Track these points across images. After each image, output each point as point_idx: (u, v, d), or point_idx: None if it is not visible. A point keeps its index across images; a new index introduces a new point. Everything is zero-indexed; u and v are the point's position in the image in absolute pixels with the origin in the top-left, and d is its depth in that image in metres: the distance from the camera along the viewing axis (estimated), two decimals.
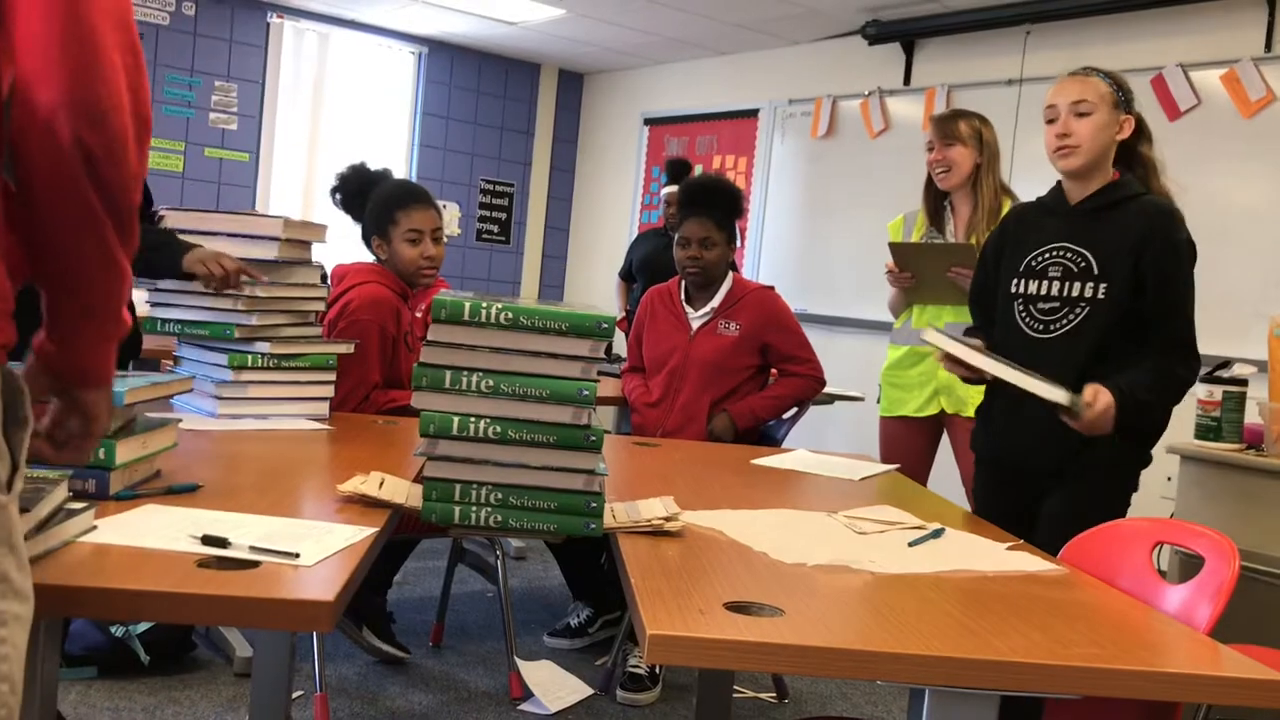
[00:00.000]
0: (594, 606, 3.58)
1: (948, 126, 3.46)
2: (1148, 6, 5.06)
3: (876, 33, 6.15)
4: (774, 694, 3.31)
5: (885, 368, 3.64)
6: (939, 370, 3.46)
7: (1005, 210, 3.46)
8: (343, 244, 3.47)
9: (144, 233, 1.14)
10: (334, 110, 7.53)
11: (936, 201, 3.55)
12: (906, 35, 6.12)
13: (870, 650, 1.20)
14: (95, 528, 1.34)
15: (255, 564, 1.26)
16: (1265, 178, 4.66)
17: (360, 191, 3.13)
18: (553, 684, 3.15)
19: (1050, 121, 2.51)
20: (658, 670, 3.22)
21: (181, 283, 2.45)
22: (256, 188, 7.32)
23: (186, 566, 1.24)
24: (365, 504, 1.62)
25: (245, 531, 1.38)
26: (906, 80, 6.24)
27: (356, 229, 3.16)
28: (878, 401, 3.70)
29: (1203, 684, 1.24)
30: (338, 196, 3.18)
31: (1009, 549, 1.80)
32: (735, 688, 3.24)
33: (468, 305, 1.52)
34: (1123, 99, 2.51)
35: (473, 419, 1.55)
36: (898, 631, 1.27)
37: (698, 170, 7.13)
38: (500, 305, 1.52)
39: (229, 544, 1.31)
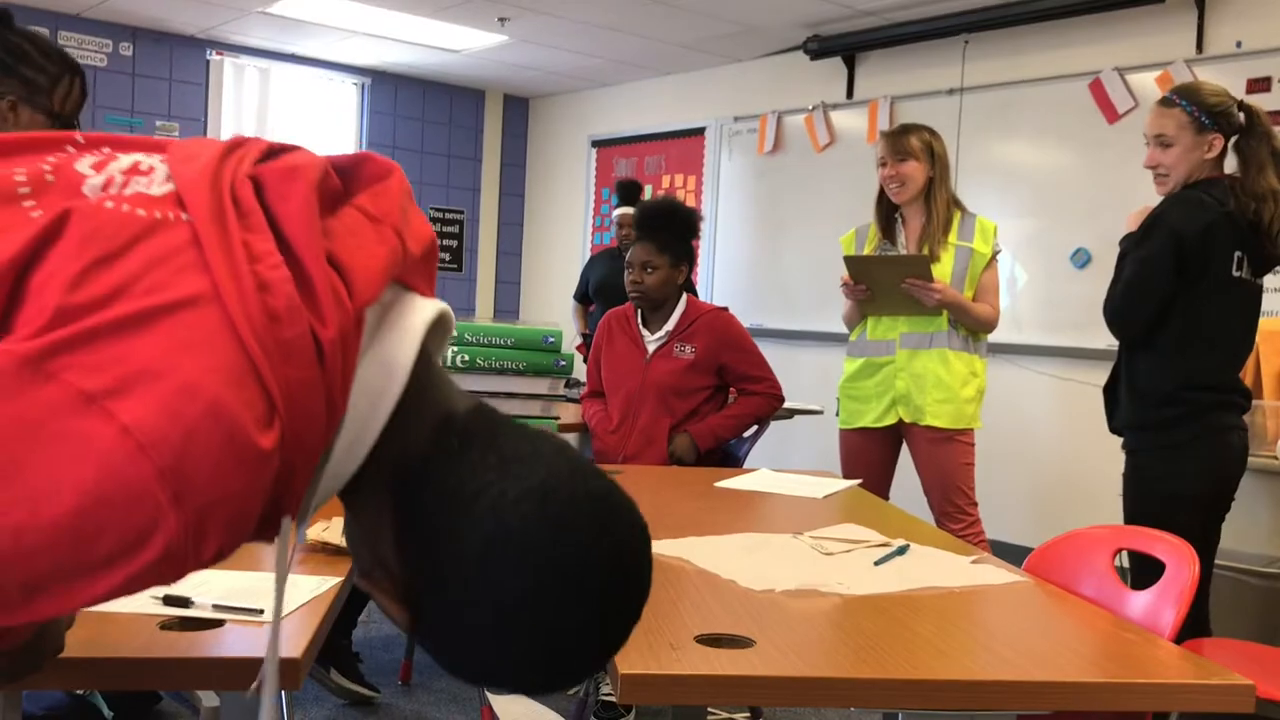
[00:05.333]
0: None
1: (899, 142, 3.50)
2: (1082, 13, 5.15)
3: (818, 48, 6.21)
4: (748, 715, 3.31)
5: (842, 380, 3.67)
6: (896, 380, 3.50)
7: (957, 220, 3.51)
8: None
9: None
10: None
11: (888, 214, 3.59)
12: (847, 49, 6.18)
13: (842, 678, 1.20)
14: None
15: (219, 623, 1.25)
16: None
17: None
18: (526, 717, 3.13)
19: None
20: None
21: None
22: None
23: (149, 630, 1.22)
24: (328, 552, 1.60)
25: (207, 589, 1.36)
26: (849, 93, 6.30)
27: None
28: (837, 414, 3.72)
29: (1172, 692, 1.26)
30: None
31: (973, 562, 1.81)
32: (709, 709, 3.23)
33: None
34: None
35: None
36: (869, 656, 1.27)
37: (648, 190, 7.16)
38: (456, 348, 1.51)
39: (191, 603, 1.30)
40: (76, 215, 0.78)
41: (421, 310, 0.89)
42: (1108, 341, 2.93)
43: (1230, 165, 2.79)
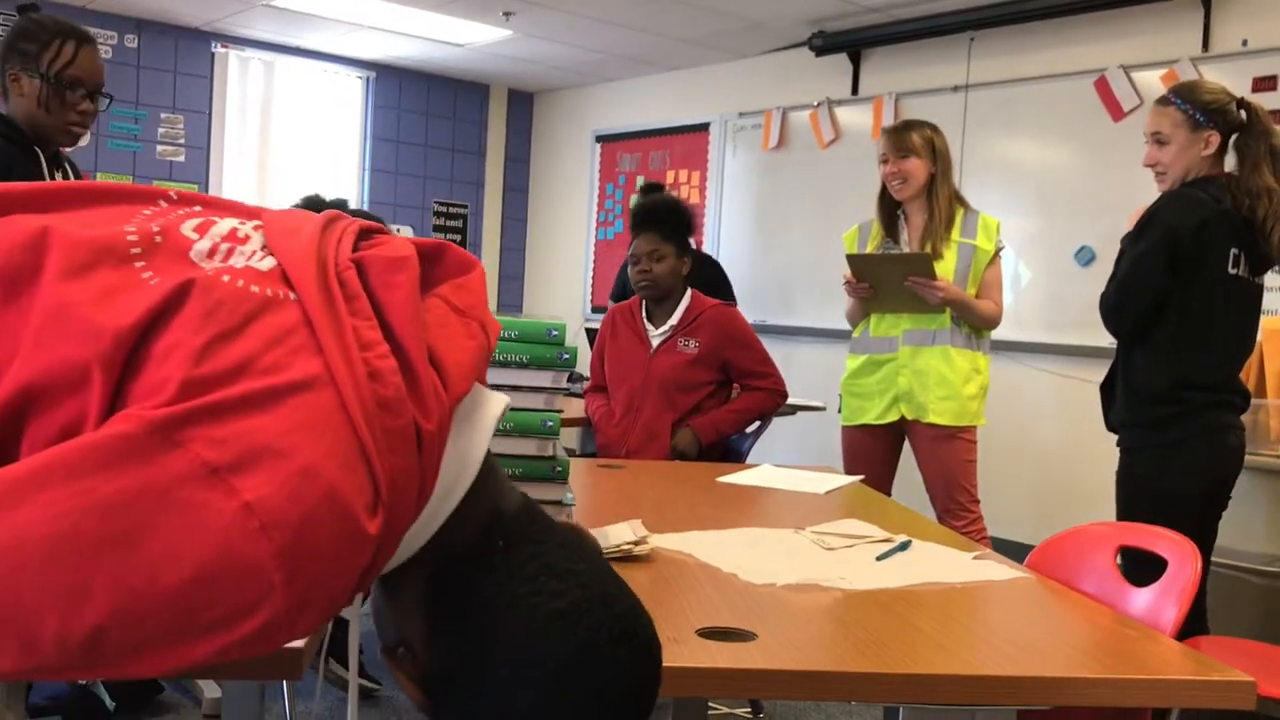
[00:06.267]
0: None
1: (901, 139, 3.49)
2: (1088, 10, 5.15)
3: (823, 44, 6.21)
4: (749, 710, 3.31)
5: (845, 377, 3.67)
6: (898, 378, 3.49)
7: (959, 217, 3.51)
8: None
9: None
10: (283, 138, 7.48)
11: (890, 211, 3.59)
12: (852, 46, 6.18)
13: (843, 671, 1.20)
14: None
15: None
16: None
17: None
18: None
19: None
20: None
21: None
22: None
23: None
24: None
25: None
26: (854, 90, 6.29)
27: None
28: (839, 411, 3.72)
29: (1173, 688, 1.26)
30: None
31: (975, 558, 1.81)
32: (710, 704, 3.24)
33: None
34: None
35: None
36: (870, 650, 1.27)
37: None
38: None
39: None
40: (199, 288, 0.80)
41: (494, 405, 0.92)
42: (1111, 340, 2.92)
43: (1231, 163, 2.79)
